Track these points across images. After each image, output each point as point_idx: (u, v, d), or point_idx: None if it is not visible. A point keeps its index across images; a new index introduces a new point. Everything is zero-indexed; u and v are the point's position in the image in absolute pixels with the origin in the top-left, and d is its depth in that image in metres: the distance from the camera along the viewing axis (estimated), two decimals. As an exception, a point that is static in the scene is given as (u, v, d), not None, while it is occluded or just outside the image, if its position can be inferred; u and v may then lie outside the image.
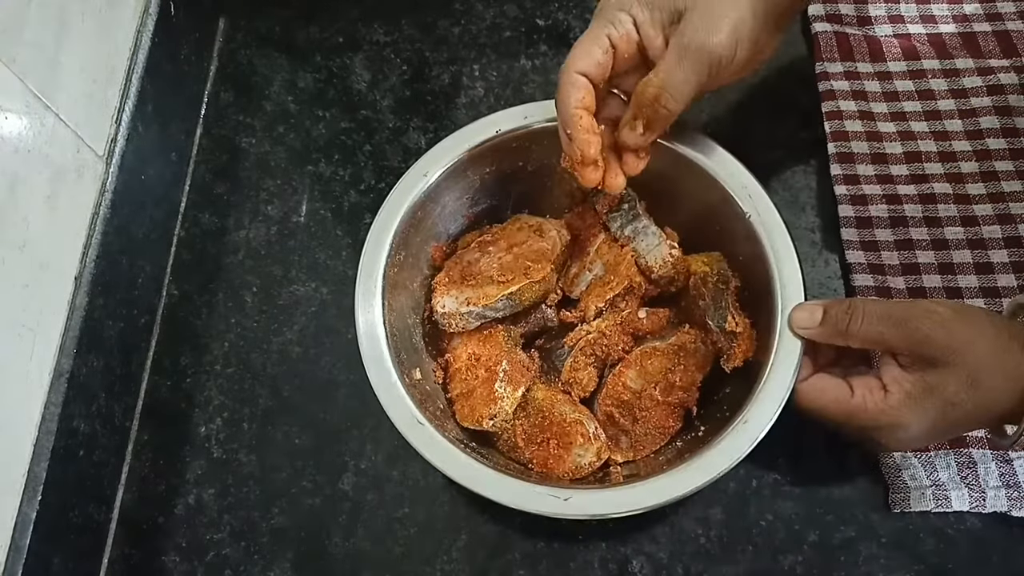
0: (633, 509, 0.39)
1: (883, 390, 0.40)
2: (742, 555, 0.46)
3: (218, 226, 0.57)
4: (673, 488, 0.39)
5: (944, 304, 0.40)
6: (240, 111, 0.61)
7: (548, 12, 0.63)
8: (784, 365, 0.41)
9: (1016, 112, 0.55)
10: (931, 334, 0.39)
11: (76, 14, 0.48)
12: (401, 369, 0.43)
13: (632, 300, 0.47)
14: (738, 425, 0.40)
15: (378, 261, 0.45)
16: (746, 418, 0.40)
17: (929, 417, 0.39)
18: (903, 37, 0.59)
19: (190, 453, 0.50)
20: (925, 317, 0.39)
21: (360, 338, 0.43)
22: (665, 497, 0.39)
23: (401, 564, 0.47)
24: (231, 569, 0.47)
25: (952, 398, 0.38)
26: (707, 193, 0.46)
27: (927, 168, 0.54)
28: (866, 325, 0.40)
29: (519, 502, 0.40)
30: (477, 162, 0.48)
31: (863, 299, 0.44)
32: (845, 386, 0.41)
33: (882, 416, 0.39)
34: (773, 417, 0.40)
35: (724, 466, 0.39)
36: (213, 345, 0.53)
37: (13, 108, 0.42)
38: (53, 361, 0.45)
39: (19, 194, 0.43)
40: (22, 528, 0.41)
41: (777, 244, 0.43)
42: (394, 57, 0.62)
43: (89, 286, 0.47)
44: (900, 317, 0.40)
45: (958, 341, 0.38)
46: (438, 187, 0.47)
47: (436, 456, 0.41)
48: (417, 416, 0.41)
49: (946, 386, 0.38)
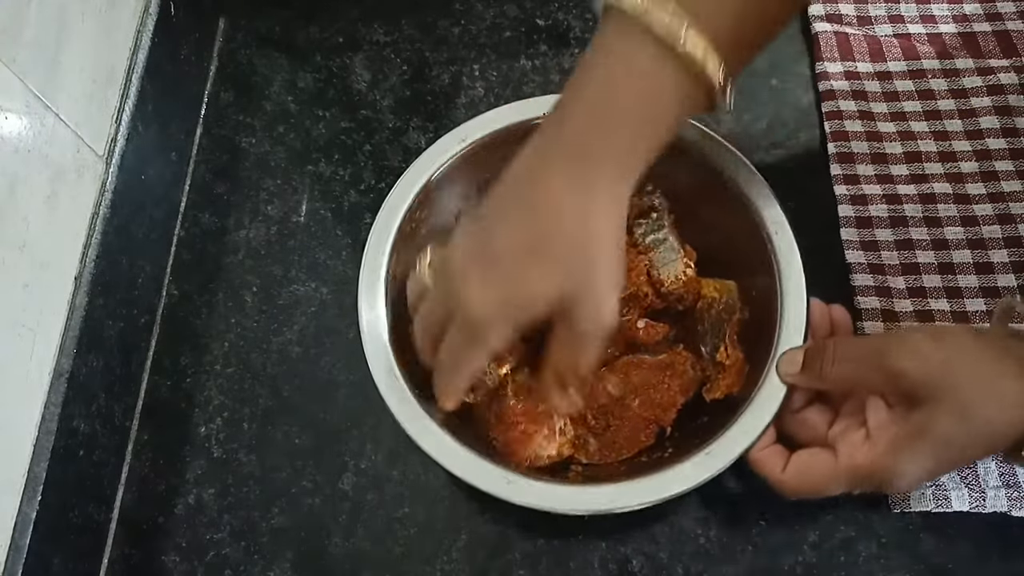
0: (572, 510, 0.39)
1: (868, 440, 0.37)
2: (742, 555, 0.46)
3: (218, 226, 0.57)
4: (620, 498, 0.39)
5: (922, 332, 0.37)
6: (240, 111, 0.61)
7: (548, 12, 0.63)
8: (762, 408, 0.40)
9: (1016, 112, 0.55)
10: (905, 367, 0.36)
11: (76, 14, 0.48)
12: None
13: (635, 308, 0.47)
14: (700, 456, 0.39)
15: (391, 224, 0.45)
16: (710, 451, 0.39)
17: (924, 460, 0.36)
18: (903, 37, 0.59)
19: (190, 453, 0.50)
20: (897, 349, 0.36)
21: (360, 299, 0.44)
22: (608, 506, 0.39)
23: (401, 564, 0.47)
24: (231, 569, 0.47)
25: (944, 436, 0.35)
26: (735, 219, 0.45)
27: (927, 168, 0.54)
28: (838, 367, 0.38)
29: (464, 471, 0.40)
30: (493, 151, 0.47)
31: (836, 339, 0.41)
32: (828, 454, 0.38)
33: (875, 467, 0.36)
34: (734, 457, 0.39)
35: (672, 492, 0.39)
36: (213, 345, 0.53)
37: (13, 108, 0.42)
38: (53, 361, 0.45)
39: (19, 194, 0.43)
40: (22, 528, 0.41)
41: (790, 284, 0.42)
42: (394, 57, 0.62)
43: (89, 286, 0.47)
44: (871, 354, 0.37)
45: (937, 370, 0.35)
46: (451, 171, 0.47)
47: (395, 404, 0.41)
48: (395, 370, 0.42)
49: (935, 424, 0.35)
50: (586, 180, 0.35)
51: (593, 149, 0.35)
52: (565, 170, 0.35)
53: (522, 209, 0.36)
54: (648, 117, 0.36)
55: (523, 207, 0.36)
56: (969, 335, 0.37)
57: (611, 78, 0.35)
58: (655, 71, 0.34)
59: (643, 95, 0.35)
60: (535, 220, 0.35)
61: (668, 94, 0.35)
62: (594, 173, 0.35)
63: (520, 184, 0.36)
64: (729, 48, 0.34)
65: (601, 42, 0.36)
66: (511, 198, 0.37)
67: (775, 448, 0.40)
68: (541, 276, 0.35)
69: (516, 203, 0.36)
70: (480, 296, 0.35)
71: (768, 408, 0.40)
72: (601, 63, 0.36)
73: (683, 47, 0.33)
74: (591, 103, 0.35)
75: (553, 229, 0.35)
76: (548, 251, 0.35)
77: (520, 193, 0.36)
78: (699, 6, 0.34)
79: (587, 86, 0.36)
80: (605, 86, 0.35)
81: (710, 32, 0.34)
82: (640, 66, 0.34)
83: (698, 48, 0.33)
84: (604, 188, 0.36)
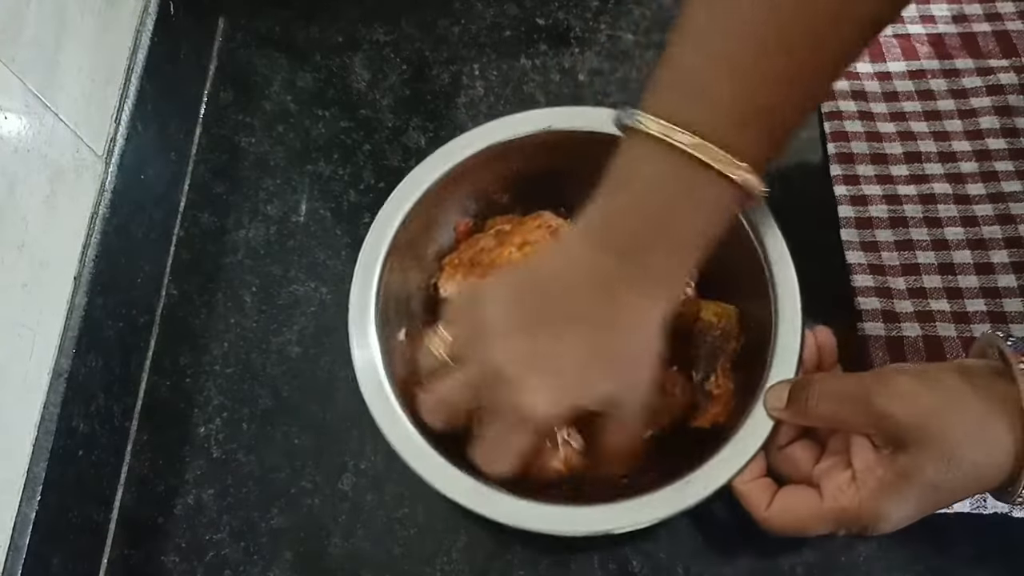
0: (542, 529, 0.39)
1: (853, 481, 0.36)
2: (742, 555, 0.46)
3: (218, 226, 0.57)
4: (588, 522, 0.39)
5: (906, 372, 0.36)
6: (240, 111, 0.61)
7: (548, 12, 0.63)
8: (747, 439, 0.39)
9: (1016, 112, 0.55)
10: (890, 409, 0.35)
11: (76, 14, 0.48)
12: (386, 331, 0.43)
13: None
14: (679, 484, 0.39)
15: (394, 219, 0.45)
16: (689, 480, 0.39)
17: (910, 504, 0.35)
18: (902, 37, 0.59)
19: (190, 453, 0.50)
20: (882, 390, 0.35)
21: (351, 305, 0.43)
22: (574, 528, 0.39)
23: (401, 564, 0.47)
24: (231, 569, 0.47)
25: (931, 481, 0.34)
26: (735, 245, 0.44)
27: (927, 168, 0.54)
28: (822, 404, 0.37)
29: (431, 477, 0.39)
30: (522, 149, 0.47)
31: (821, 375, 0.40)
32: (813, 494, 0.37)
33: (860, 511, 0.35)
34: (713, 490, 0.38)
35: (644, 519, 0.38)
36: (213, 345, 0.53)
37: (13, 108, 0.42)
38: (52, 361, 0.45)
39: (18, 194, 0.43)
40: (21, 528, 0.41)
41: (785, 316, 0.41)
42: (394, 57, 0.62)
43: (88, 286, 0.47)
44: (856, 393, 0.36)
45: (923, 415, 0.34)
46: (474, 164, 0.47)
47: (376, 408, 0.41)
48: (383, 378, 0.41)
49: (922, 470, 0.34)
50: (652, 297, 0.37)
51: (656, 267, 0.37)
52: (633, 289, 0.36)
53: (589, 324, 0.36)
54: (705, 233, 0.37)
55: (590, 322, 0.36)
56: (955, 376, 0.35)
57: (665, 196, 0.36)
58: (706, 193, 0.35)
59: (701, 213, 0.36)
60: (602, 334, 0.36)
61: (723, 210, 0.37)
62: (658, 291, 0.37)
63: (579, 296, 0.37)
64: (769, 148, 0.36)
65: (637, 156, 0.36)
66: (570, 311, 0.37)
67: (762, 482, 0.39)
68: (602, 380, 0.37)
69: (577, 317, 0.37)
70: (544, 403, 0.36)
71: (754, 440, 0.39)
72: (647, 178, 0.36)
73: (730, 172, 0.34)
74: (648, 219, 0.36)
75: (621, 344, 0.37)
76: (612, 362, 0.37)
77: (580, 307, 0.37)
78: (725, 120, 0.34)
79: (641, 202, 0.36)
80: (663, 206, 0.36)
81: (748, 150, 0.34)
82: (691, 188, 0.35)
83: (739, 169, 0.34)
84: (664, 304, 0.37)
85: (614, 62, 0.61)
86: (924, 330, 0.49)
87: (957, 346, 0.49)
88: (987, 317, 0.49)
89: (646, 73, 0.60)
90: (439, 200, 0.47)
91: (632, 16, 0.62)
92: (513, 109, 0.59)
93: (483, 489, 0.39)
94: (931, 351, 0.49)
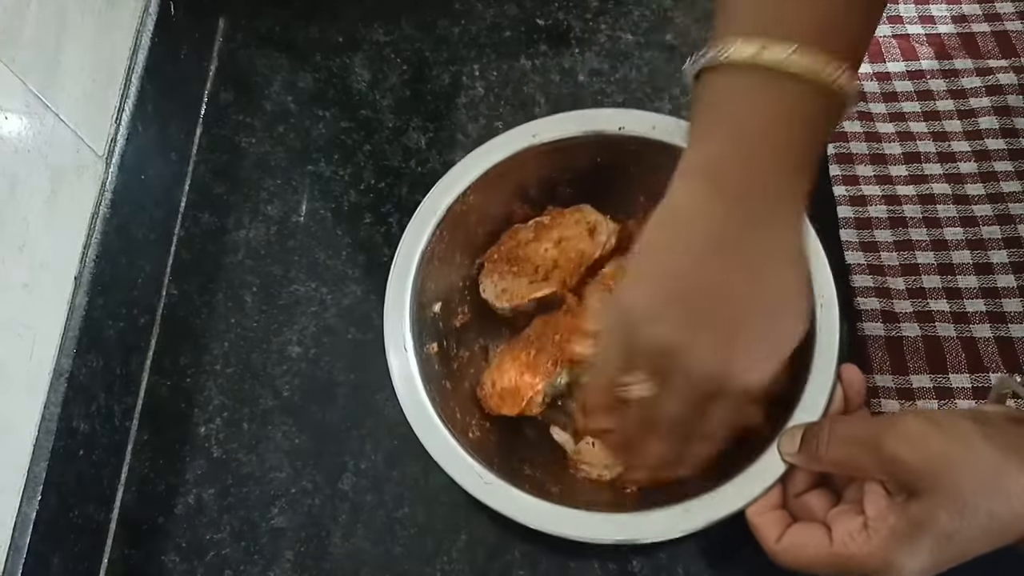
0: (553, 530, 0.39)
1: (865, 529, 0.34)
2: (742, 555, 0.46)
3: (218, 226, 0.57)
4: (603, 530, 0.39)
5: (919, 416, 0.35)
6: (240, 111, 0.61)
7: (548, 12, 0.63)
8: (762, 473, 0.39)
9: (1015, 112, 0.55)
10: (900, 455, 0.34)
11: (76, 14, 0.48)
12: (420, 342, 0.44)
13: None
14: (678, 508, 0.39)
15: (439, 205, 0.45)
16: (688, 507, 0.39)
17: (923, 555, 0.33)
18: (902, 37, 0.59)
19: (190, 453, 0.50)
20: (892, 434, 0.34)
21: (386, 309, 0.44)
22: (586, 534, 0.39)
23: (401, 564, 0.47)
24: (231, 569, 0.47)
25: (945, 531, 0.32)
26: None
27: (926, 169, 0.54)
28: (833, 448, 0.36)
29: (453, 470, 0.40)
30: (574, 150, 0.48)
31: (833, 417, 0.39)
32: (823, 534, 0.36)
33: (870, 559, 0.34)
34: (716, 519, 0.38)
35: (639, 536, 0.39)
36: (213, 345, 0.53)
37: (13, 108, 0.42)
38: (53, 361, 0.45)
39: (19, 194, 0.43)
40: (22, 528, 0.41)
41: (821, 361, 0.40)
42: (394, 57, 0.62)
43: (89, 286, 0.47)
44: (867, 437, 0.35)
45: (935, 462, 0.33)
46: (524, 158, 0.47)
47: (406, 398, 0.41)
48: (421, 394, 0.42)
49: (935, 519, 0.32)
50: (781, 227, 0.35)
51: (775, 198, 0.35)
52: (759, 228, 0.35)
53: (734, 290, 0.35)
54: (813, 150, 0.36)
55: (734, 287, 0.35)
56: (969, 422, 0.34)
57: (767, 122, 0.34)
58: (809, 108, 0.34)
59: (808, 131, 0.35)
60: (752, 290, 0.35)
61: (826, 121, 0.36)
62: (786, 219, 0.36)
63: (713, 263, 0.35)
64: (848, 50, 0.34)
65: (725, 94, 0.35)
66: (711, 282, 0.35)
67: (776, 514, 0.38)
68: (796, 332, 0.36)
69: (720, 287, 0.35)
70: (749, 366, 0.35)
71: (768, 474, 0.39)
72: (742, 110, 0.35)
73: (831, 80, 0.33)
74: (753, 151, 0.35)
75: (776, 289, 0.35)
76: (778, 313, 0.35)
77: (719, 275, 0.35)
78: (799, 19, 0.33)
79: (742, 137, 0.35)
80: (766, 135, 0.34)
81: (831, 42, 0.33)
82: (793, 107, 0.34)
83: (838, 74, 0.33)
84: (796, 229, 0.36)
85: (614, 62, 0.61)
86: (923, 330, 0.49)
87: (956, 346, 0.49)
88: (986, 317, 0.49)
89: (646, 73, 0.60)
90: (486, 190, 0.47)
91: (632, 16, 0.62)
92: (513, 110, 0.59)
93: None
94: (931, 351, 0.49)
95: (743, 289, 0.34)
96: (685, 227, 0.35)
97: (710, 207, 0.35)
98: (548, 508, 0.40)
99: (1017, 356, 0.48)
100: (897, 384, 0.48)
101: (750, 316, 0.34)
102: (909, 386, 0.48)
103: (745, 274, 0.34)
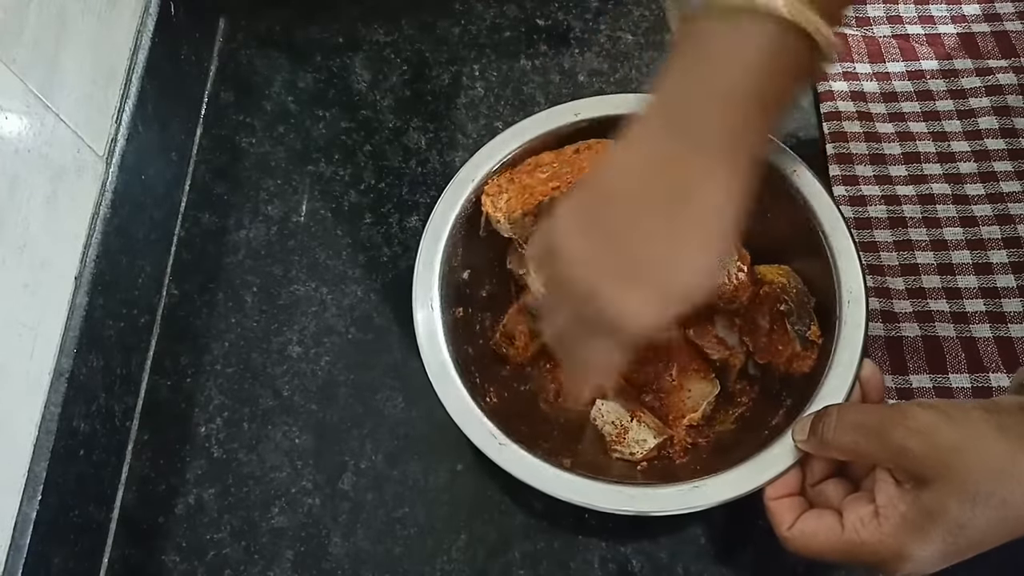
0: (563, 495, 0.39)
1: (876, 516, 0.34)
2: (742, 555, 0.46)
3: (218, 226, 0.57)
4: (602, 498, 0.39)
5: (929, 406, 0.34)
6: (240, 111, 0.61)
7: (548, 12, 0.63)
8: (769, 463, 0.39)
9: (1015, 113, 0.55)
10: (908, 445, 0.33)
11: (76, 14, 0.48)
12: (446, 303, 0.44)
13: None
14: (686, 486, 0.39)
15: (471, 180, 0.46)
16: (698, 485, 0.39)
17: (935, 544, 0.33)
18: (902, 38, 0.60)
19: (190, 453, 0.50)
20: (900, 424, 0.34)
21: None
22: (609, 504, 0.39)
23: (401, 564, 0.47)
24: (231, 569, 0.47)
25: (957, 521, 0.32)
26: (792, 227, 0.45)
27: (926, 169, 0.54)
28: (839, 434, 0.36)
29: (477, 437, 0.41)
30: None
31: (840, 404, 0.39)
32: (835, 521, 0.36)
33: (881, 547, 0.34)
34: (713, 502, 0.39)
35: (633, 509, 0.39)
36: (213, 345, 0.53)
37: (13, 108, 0.42)
38: (53, 361, 0.45)
39: (19, 194, 0.43)
40: (22, 528, 0.41)
41: (844, 356, 0.41)
42: (394, 57, 0.62)
43: (89, 286, 0.47)
44: (874, 425, 0.35)
45: (944, 451, 0.33)
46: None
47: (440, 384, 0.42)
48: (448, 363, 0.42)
49: (946, 508, 0.32)
50: (727, 186, 0.34)
51: (735, 152, 0.34)
52: (699, 158, 0.34)
53: (665, 214, 0.35)
54: (778, 97, 0.35)
55: (664, 211, 0.35)
56: (980, 412, 0.34)
57: (739, 66, 0.34)
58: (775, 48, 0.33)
59: (777, 84, 0.34)
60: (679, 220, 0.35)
61: (797, 70, 0.35)
62: (733, 179, 0.35)
63: (655, 189, 0.35)
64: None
65: (700, 38, 0.35)
66: (640, 208, 0.35)
67: (792, 500, 0.39)
68: (694, 276, 0.35)
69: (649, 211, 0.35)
70: (643, 313, 0.35)
71: (781, 460, 0.39)
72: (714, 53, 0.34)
73: (792, 17, 0.32)
74: (711, 89, 0.34)
75: (702, 224, 0.35)
76: (699, 250, 0.35)
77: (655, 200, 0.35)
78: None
79: (703, 77, 0.34)
80: (729, 75, 0.34)
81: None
82: (772, 54, 0.33)
83: (803, 12, 0.32)
84: (741, 173, 0.35)
85: (614, 62, 0.61)
86: (923, 330, 0.49)
87: (956, 346, 0.49)
88: (986, 317, 0.49)
89: (646, 73, 0.60)
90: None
91: (632, 16, 0.62)
92: (513, 110, 0.60)
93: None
94: (930, 351, 0.49)
95: (652, 231, 0.34)
96: (624, 161, 0.36)
97: (655, 146, 0.35)
98: (559, 474, 0.40)
99: (1017, 356, 0.48)
100: (897, 384, 0.48)
101: (652, 261, 0.34)
102: (909, 386, 0.48)
103: (660, 219, 0.34)
